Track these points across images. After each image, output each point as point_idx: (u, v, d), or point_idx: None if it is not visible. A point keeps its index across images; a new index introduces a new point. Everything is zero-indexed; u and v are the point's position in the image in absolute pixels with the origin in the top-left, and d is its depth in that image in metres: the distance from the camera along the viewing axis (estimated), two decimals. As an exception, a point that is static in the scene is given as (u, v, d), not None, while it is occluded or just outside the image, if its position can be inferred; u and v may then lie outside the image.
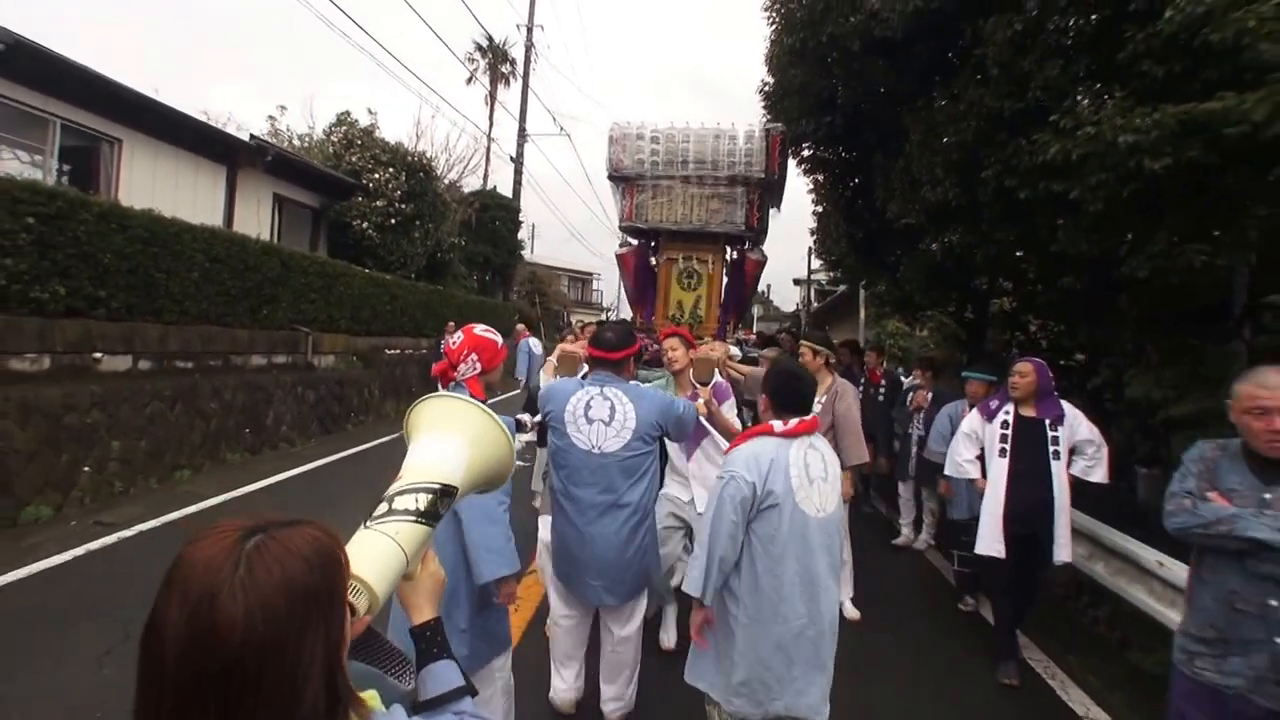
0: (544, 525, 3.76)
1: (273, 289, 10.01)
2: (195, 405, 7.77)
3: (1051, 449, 3.89)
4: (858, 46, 6.23)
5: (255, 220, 12.22)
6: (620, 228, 7.20)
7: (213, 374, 8.56)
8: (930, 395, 6.25)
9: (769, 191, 7.03)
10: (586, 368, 3.40)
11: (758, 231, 6.94)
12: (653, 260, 7.30)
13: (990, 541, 3.93)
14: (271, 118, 19.67)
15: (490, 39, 27.00)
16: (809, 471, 2.36)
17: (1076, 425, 3.94)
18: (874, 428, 6.48)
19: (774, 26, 7.62)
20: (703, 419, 3.54)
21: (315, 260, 11.68)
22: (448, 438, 1.27)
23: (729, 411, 3.92)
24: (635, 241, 7.39)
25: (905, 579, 5.80)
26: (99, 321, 7.05)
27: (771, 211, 7.42)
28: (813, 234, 11.74)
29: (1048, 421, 3.92)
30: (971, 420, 4.27)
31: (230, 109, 51.42)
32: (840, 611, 4.42)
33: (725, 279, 7.18)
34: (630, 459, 2.96)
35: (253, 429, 8.79)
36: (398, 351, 14.19)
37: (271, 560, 0.73)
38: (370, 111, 20.42)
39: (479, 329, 2.60)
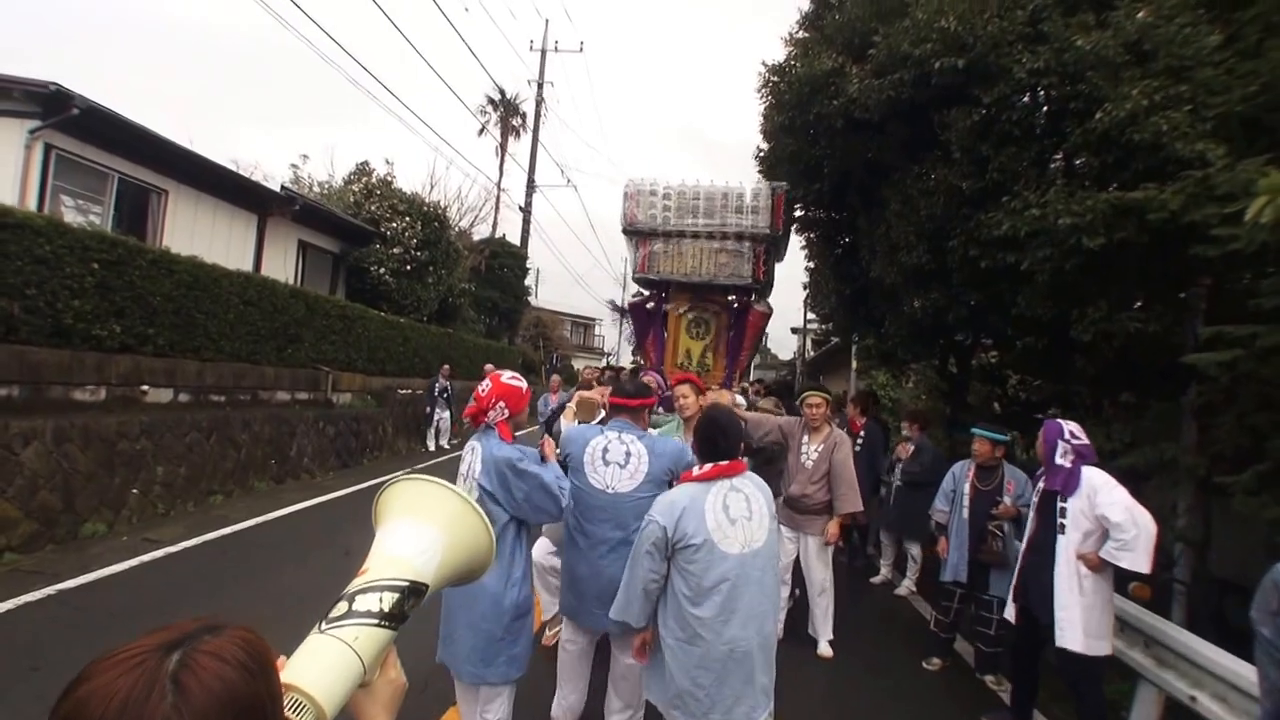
0: (539, 546, 4.14)
1: (297, 330, 10.67)
2: (228, 436, 8.35)
3: (1059, 521, 3.62)
4: (840, 125, 6.97)
5: (282, 264, 12.98)
6: (634, 278, 7.68)
7: (242, 407, 9.16)
8: (912, 448, 6.62)
9: (774, 246, 7.49)
10: (604, 414, 3.66)
11: (764, 285, 7.38)
12: (665, 312, 7.71)
13: (1008, 608, 4.04)
14: (294, 166, 20.69)
15: (502, 93, 27.78)
16: (729, 513, 2.53)
17: (1095, 499, 3.50)
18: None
19: (765, 104, 8.38)
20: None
21: (336, 303, 12.37)
22: (420, 526, 1.14)
23: None
24: (647, 291, 7.87)
25: (886, 621, 5.97)
26: (147, 357, 7.68)
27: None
28: (805, 288, 12.45)
29: (1058, 493, 3.69)
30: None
31: (257, 158, 53.13)
32: (816, 649, 4.79)
33: (732, 329, 7.60)
34: (641, 500, 3.10)
35: (278, 460, 9.36)
36: (409, 391, 14.74)
37: (207, 676, 0.61)
38: (388, 161, 21.42)
39: (506, 376, 2.80)
